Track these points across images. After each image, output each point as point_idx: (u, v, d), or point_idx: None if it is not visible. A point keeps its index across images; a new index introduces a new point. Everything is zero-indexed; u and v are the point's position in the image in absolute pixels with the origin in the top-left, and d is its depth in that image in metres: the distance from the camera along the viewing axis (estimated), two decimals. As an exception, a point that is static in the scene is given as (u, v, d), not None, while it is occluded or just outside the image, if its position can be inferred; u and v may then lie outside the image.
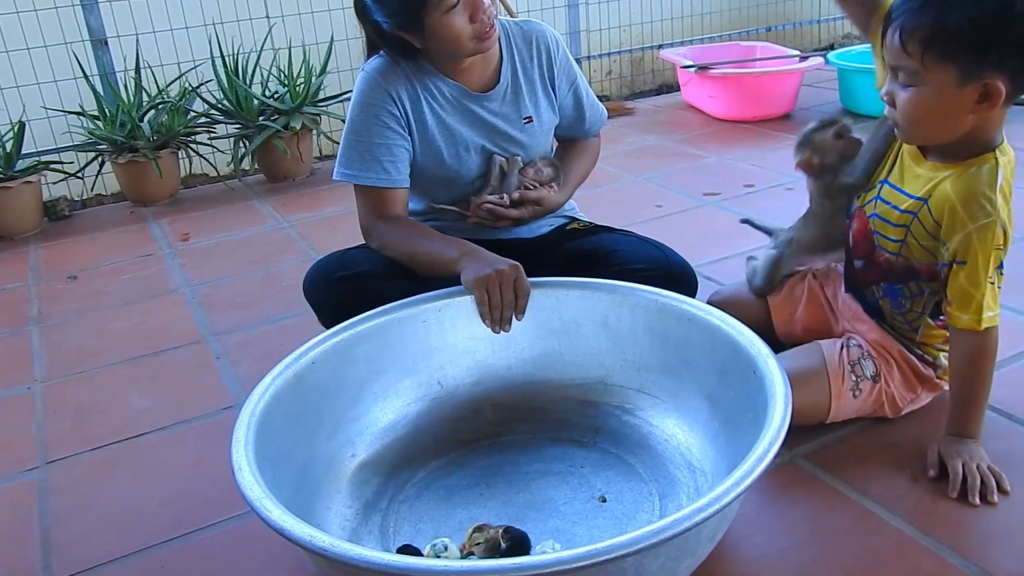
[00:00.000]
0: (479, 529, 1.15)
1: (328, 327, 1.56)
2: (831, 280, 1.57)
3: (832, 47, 4.71)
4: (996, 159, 1.21)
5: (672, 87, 4.17)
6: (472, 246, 1.51)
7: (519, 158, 1.66)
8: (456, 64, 1.59)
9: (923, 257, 1.30)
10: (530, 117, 1.66)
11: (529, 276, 1.46)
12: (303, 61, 3.16)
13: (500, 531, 1.11)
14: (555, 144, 1.80)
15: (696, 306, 1.37)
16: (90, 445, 1.59)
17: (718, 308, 1.61)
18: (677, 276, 1.56)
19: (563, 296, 1.48)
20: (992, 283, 1.22)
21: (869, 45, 1.40)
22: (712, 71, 3.43)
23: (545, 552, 1.10)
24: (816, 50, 4.60)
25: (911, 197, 1.29)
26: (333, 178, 1.62)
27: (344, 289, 1.54)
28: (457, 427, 1.45)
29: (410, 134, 1.61)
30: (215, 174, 3.31)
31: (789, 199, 2.54)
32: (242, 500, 1.34)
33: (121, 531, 1.34)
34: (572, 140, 1.81)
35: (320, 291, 1.59)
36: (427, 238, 1.58)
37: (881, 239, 1.36)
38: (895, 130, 1.28)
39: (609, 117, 1.85)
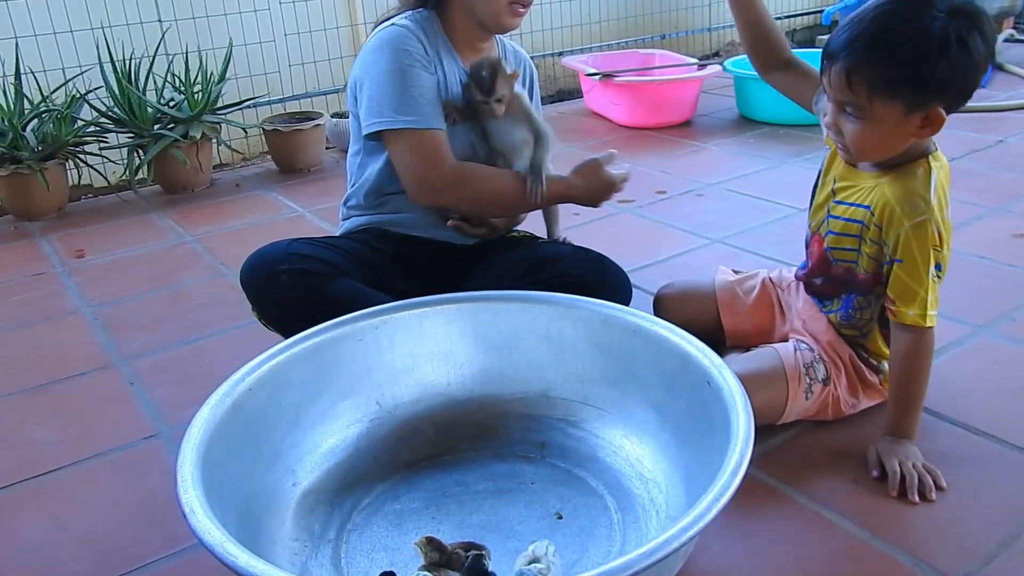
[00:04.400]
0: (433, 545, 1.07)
1: (262, 319, 1.58)
2: (786, 284, 1.61)
3: (718, 54, 4.86)
4: (929, 164, 1.28)
5: (572, 94, 4.20)
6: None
7: None
8: (475, 39, 1.63)
9: (869, 267, 1.36)
10: None
11: (468, 280, 1.49)
12: (200, 67, 3.02)
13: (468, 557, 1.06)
14: None
15: (642, 317, 1.36)
16: (-8, 485, 1.46)
17: (669, 303, 1.65)
18: (614, 283, 1.58)
19: (503, 310, 1.45)
20: (933, 281, 1.27)
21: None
22: (616, 79, 3.47)
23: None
24: (705, 57, 4.74)
25: (859, 207, 1.35)
26: (373, 131, 1.56)
27: (285, 283, 1.49)
28: (398, 448, 1.40)
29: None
30: (106, 185, 3.12)
31: (701, 204, 2.60)
32: (170, 538, 1.28)
33: (36, 579, 1.23)
34: None
35: (259, 282, 1.54)
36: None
37: (837, 252, 1.41)
38: (840, 153, 1.34)
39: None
